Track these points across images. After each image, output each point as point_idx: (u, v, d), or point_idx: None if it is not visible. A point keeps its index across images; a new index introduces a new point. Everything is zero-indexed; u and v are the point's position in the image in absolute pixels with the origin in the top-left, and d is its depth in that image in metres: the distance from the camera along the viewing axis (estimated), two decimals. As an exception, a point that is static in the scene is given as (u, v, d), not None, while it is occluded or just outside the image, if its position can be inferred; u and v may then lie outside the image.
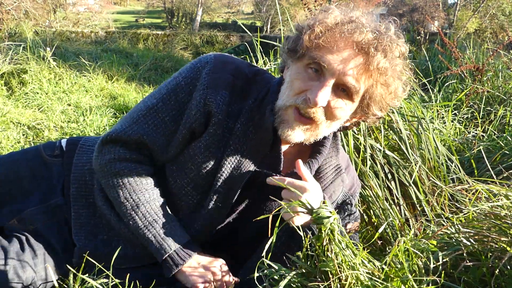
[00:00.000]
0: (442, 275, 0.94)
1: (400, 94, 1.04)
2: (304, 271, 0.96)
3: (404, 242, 0.97)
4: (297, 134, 1.01)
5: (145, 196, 1.09)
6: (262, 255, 0.93)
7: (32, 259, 1.11)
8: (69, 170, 1.21)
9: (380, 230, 1.15)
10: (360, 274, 0.90)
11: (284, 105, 1.00)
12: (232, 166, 1.07)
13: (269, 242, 0.93)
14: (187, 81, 1.09)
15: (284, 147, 1.11)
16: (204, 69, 1.08)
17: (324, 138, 1.11)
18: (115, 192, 1.08)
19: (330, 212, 0.94)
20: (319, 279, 0.93)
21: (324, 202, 1.00)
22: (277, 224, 0.95)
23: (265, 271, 0.94)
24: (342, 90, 0.98)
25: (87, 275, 1.03)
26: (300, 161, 1.04)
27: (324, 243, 0.93)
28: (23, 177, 1.21)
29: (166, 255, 1.07)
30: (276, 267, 0.94)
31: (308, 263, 0.97)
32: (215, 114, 1.05)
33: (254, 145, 1.07)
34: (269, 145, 1.07)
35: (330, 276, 0.91)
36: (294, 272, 0.94)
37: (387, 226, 1.48)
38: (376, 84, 0.98)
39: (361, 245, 1.05)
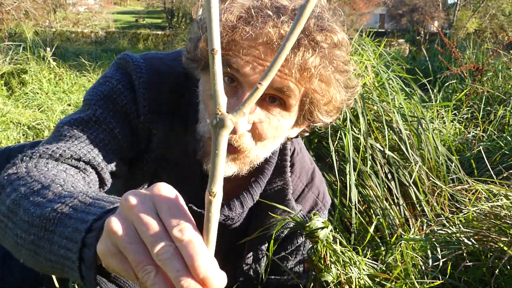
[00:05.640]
0: (448, 273, 0.94)
1: (347, 93, 0.80)
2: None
3: (404, 243, 0.97)
4: (226, 168, 0.79)
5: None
6: None
7: None
8: None
9: (371, 229, 1.15)
10: (361, 279, 0.90)
11: (204, 135, 0.80)
12: None
13: None
14: (126, 85, 0.83)
15: None
16: (133, 74, 0.83)
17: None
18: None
19: (323, 222, 0.90)
20: None
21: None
22: None
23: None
24: (272, 99, 0.76)
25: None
26: None
27: (322, 255, 0.91)
28: None
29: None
30: None
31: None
32: (152, 149, 0.85)
33: (185, 174, 0.87)
34: (199, 176, 0.86)
35: (332, 285, 0.90)
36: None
37: (387, 225, 1.48)
38: (312, 86, 0.74)
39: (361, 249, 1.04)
